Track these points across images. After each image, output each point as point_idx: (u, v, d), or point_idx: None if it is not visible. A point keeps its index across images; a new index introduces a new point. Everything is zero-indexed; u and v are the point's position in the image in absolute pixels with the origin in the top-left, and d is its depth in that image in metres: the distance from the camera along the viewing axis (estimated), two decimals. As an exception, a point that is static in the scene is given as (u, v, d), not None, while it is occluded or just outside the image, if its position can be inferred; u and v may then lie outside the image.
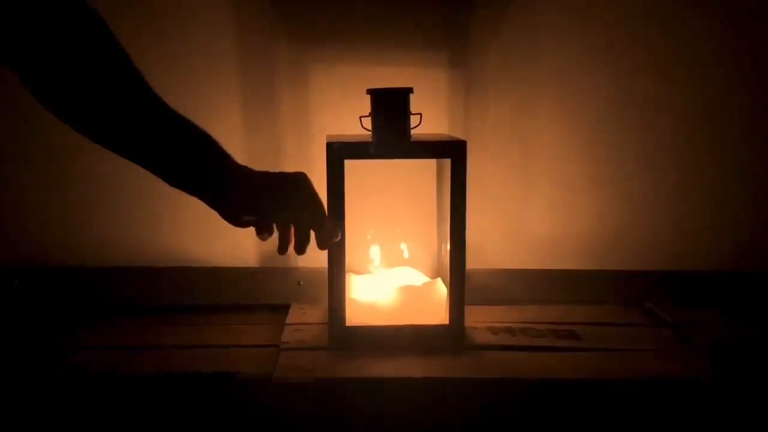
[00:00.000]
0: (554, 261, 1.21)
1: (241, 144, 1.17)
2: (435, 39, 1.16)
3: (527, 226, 1.21)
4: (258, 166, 1.14)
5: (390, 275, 1.10)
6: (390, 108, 0.99)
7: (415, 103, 0.99)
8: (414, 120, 0.99)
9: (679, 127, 1.19)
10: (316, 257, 1.13)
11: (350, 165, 0.97)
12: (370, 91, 0.99)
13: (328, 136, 1.01)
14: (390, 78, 1.04)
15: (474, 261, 1.19)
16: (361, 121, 0.99)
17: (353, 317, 1.00)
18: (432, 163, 1.12)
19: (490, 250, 1.21)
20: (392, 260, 1.13)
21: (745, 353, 0.99)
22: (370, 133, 0.99)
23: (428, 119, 1.11)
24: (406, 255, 1.13)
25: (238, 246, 1.20)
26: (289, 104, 1.17)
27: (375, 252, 1.13)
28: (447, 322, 1.00)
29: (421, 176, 1.16)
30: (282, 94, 1.17)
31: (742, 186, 1.21)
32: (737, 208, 1.21)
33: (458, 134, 1.13)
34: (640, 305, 1.18)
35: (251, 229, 1.15)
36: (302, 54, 1.15)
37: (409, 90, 0.99)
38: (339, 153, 0.96)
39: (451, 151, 0.98)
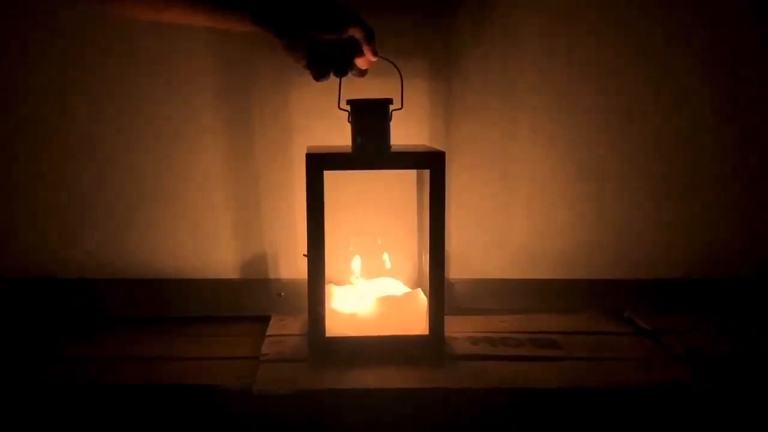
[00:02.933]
0: (534, 270, 1.22)
1: (223, 153, 1.17)
2: (416, 51, 1.17)
3: (507, 236, 1.22)
4: (240, 173, 1.16)
5: (371, 286, 1.10)
6: (370, 119, 0.99)
7: (396, 115, 1.00)
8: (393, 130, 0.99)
9: (654, 138, 1.21)
10: (296, 269, 1.15)
11: (331, 176, 0.97)
12: (350, 102, 0.99)
13: (308, 147, 1.01)
14: (371, 90, 1.04)
15: (454, 271, 1.19)
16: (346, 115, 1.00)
17: (333, 328, 0.99)
18: (412, 173, 1.13)
19: (471, 260, 1.21)
20: (373, 271, 1.13)
21: (725, 360, 0.99)
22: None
23: (409, 131, 1.12)
24: (387, 266, 1.13)
25: (219, 257, 1.19)
26: (271, 116, 1.17)
27: (356, 263, 1.13)
28: (427, 332, 1.00)
29: (402, 187, 1.16)
30: (263, 106, 1.17)
31: (717, 194, 1.22)
32: (713, 216, 1.22)
33: (439, 146, 1.13)
34: (619, 314, 1.18)
35: (229, 242, 1.17)
36: (283, 65, 1.15)
37: (389, 101, 1.00)
38: (318, 164, 0.96)
39: (430, 162, 0.98)
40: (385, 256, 1.14)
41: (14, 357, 1.01)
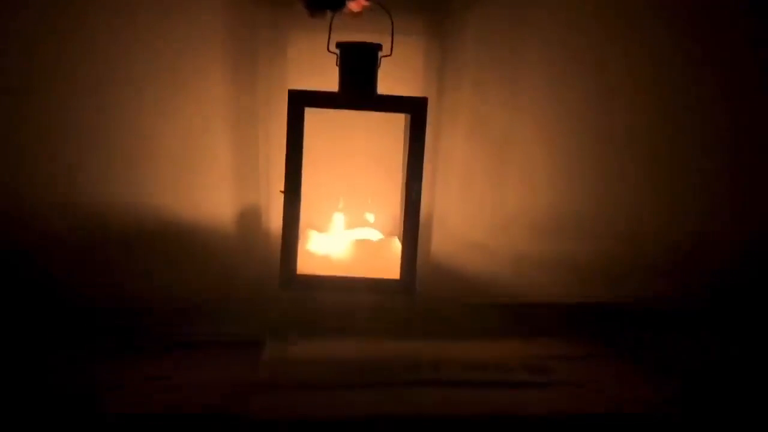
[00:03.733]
0: (523, 241, 1.20)
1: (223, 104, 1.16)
2: (412, 8, 1.14)
3: (493, 204, 1.20)
4: (240, 125, 1.15)
5: (351, 234, 1.10)
6: (358, 61, 1.00)
7: (389, 75, 1.01)
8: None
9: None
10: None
11: (321, 124, 0.98)
12: (339, 45, 1.00)
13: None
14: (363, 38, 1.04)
15: (436, 235, 1.18)
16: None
17: (306, 267, 1.00)
18: (401, 127, 1.12)
19: (453, 225, 1.19)
20: (356, 222, 1.13)
21: (711, 379, 0.97)
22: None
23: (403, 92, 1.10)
24: (371, 220, 1.13)
25: (216, 281, 1.16)
26: (268, 68, 1.15)
27: (338, 218, 1.13)
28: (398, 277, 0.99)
29: (390, 140, 1.13)
30: (262, 58, 1.15)
31: (708, 185, 1.21)
32: (700, 241, 1.21)
33: (431, 109, 1.11)
34: (605, 337, 1.13)
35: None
36: (282, 19, 1.14)
37: (378, 46, 1.00)
38: (300, 100, 0.97)
39: (411, 107, 0.98)
40: (369, 216, 1.14)
41: (25, 383, 0.94)
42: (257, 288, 1.12)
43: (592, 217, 1.21)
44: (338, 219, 1.13)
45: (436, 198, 1.17)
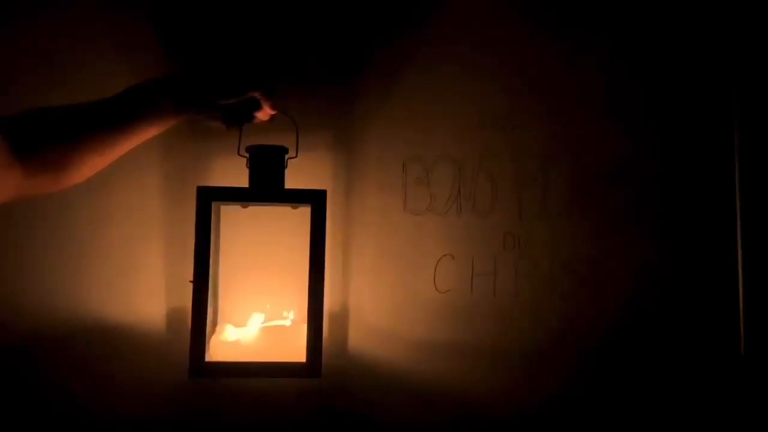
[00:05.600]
0: (430, 328, 1.24)
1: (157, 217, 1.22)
2: (320, 120, 1.25)
3: (408, 292, 1.25)
4: (172, 236, 1.21)
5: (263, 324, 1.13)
6: (264, 161, 1.08)
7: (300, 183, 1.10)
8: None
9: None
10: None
11: (237, 228, 1.06)
12: (248, 148, 1.09)
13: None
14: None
15: (353, 327, 1.22)
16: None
17: (217, 356, 1.02)
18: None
19: (370, 316, 1.23)
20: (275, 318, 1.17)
21: None
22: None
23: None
24: (289, 322, 1.16)
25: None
26: (194, 183, 1.22)
27: (256, 318, 1.16)
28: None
29: (302, 236, 1.20)
30: (189, 175, 1.22)
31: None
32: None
33: (342, 215, 1.22)
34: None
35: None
36: (201, 138, 1.22)
37: (284, 149, 1.09)
38: (207, 195, 1.04)
39: (312, 198, 1.05)
40: (287, 314, 1.18)
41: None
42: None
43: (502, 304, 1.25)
44: (257, 316, 1.16)
45: (350, 291, 1.22)
